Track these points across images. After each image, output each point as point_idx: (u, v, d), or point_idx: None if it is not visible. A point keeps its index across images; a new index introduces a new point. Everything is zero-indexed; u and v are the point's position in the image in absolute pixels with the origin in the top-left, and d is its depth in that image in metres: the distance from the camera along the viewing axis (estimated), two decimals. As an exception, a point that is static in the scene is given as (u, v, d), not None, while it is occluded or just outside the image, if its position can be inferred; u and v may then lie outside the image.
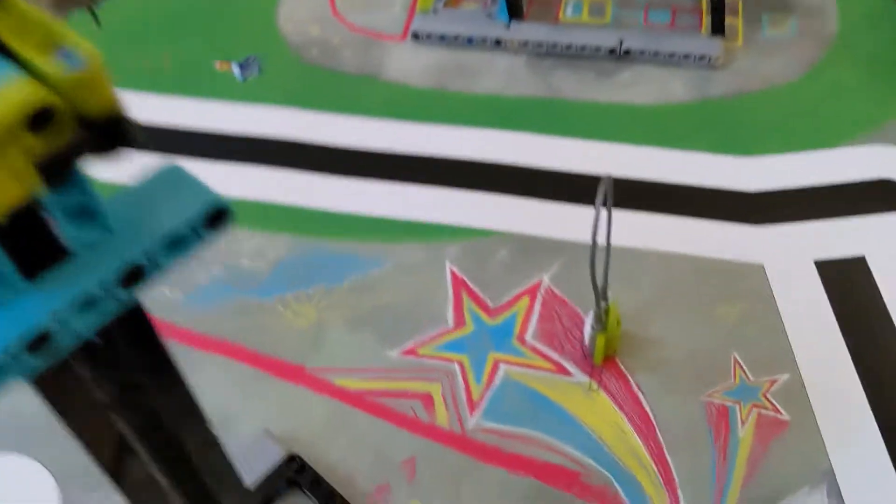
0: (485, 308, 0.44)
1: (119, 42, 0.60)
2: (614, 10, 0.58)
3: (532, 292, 0.44)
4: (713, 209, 0.47)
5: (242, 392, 0.42)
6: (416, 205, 0.48)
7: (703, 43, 0.54)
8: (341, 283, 0.45)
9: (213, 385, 0.42)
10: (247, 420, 0.41)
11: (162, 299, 0.46)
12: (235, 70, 0.56)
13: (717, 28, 0.54)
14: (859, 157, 0.49)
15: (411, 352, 0.43)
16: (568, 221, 0.47)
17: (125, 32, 0.60)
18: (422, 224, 0.47)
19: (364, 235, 0.47)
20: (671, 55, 0.54)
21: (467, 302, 0.44)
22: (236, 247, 0.47)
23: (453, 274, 0.45)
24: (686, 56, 0.54)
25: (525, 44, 0.55)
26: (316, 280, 0.45)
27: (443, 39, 0.56)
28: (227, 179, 0.51)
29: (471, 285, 0.45)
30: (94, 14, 0.62)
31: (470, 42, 0.56)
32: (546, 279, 0.45)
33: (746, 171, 0.49)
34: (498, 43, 0.56)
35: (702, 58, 0.53)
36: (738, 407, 0.41)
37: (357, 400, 0.41)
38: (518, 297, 0.44)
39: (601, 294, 0.39)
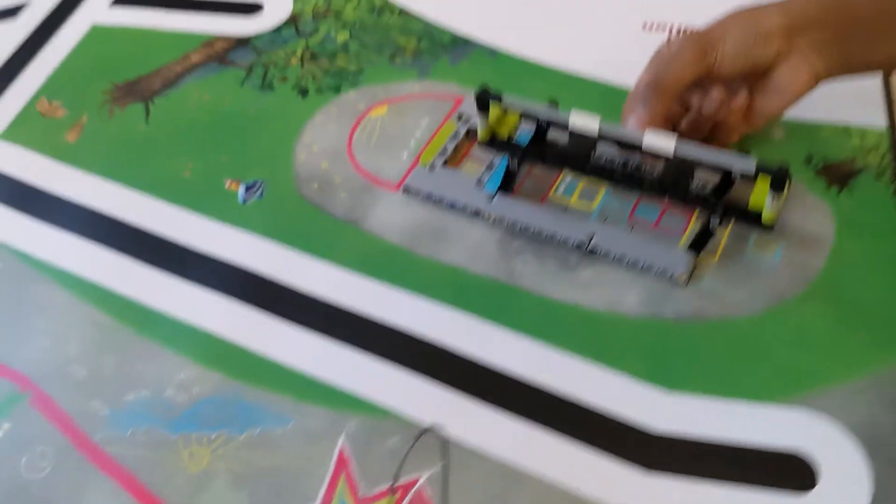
0: (354, 495, 0.45)
1: (152, 143, 0.66)
2: (605, 198, 0.58)
3: (404, 490, 0.46)
4: (611, 442, 0.46)
5: (121, 525, 0.46)
6: (339, 365, 0.50)
7: (671, 256, 0.53)
8: (241, 434, 0.48)
9: (97, 511, 0.46)
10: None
11: (90, 413, 0.50)
12: (241, 191, 0.60)
13: (698, 242, 0.53)
14: (787, 421, 0.47)
15: (272, 526, 0.45)
16: (473, 422, 0.48)
17: (162, 135, 0.66)
18: (336, 389, 0.49)
19: (282, 388, 0.50)
20: (635, 262, 0.53)
21: (341, 485, 0.46)
22: (170, 374, 0.51)
23: (341, 452, 0.47)
24: (649, 266, 0.53)
25: (501, 220, 0.56)
26: (222, 426, 0.48)
27: (429, 198, 0.59)
28: (192, 302, 0.55)
29: (352, 468, 0.47)
30: (147, 109, 0.69)
31: (453, 207, 0.58)
32: (423, 479, 0.46)
33: (663, 407, 0.48)
34: (477, 213, 0.57)
35: (664, 272, 0.52)
36: None
37: (209, 561, 0.45)
38: (387, 493, 0.45)
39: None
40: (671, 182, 0.53)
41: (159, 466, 0.48)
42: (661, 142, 0.50)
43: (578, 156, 0.56)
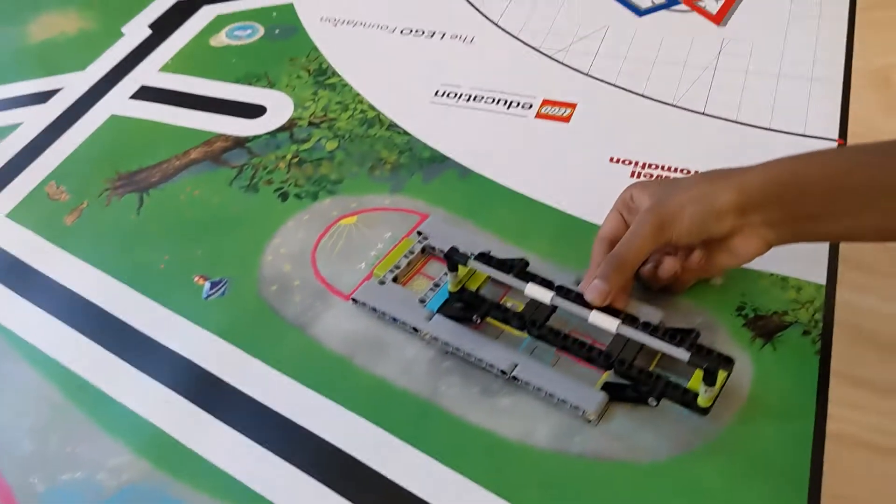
0: None
1: (139, 234, 0.71)
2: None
3: None
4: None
5: None
6: (258, 469, 0.53)
7: (585, 394, 0.55)
8: (154, 528, 0.51)
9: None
10: None
11: (28, 488, 0.54)
12: (206, 287, 0.65)
13: (616, 390, 0.55)
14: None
15: None
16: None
17: (149, 226, 0.72)
18: (250, 491, 0.52)
19: (202, 485, 0.53)
20: (551, 395, 0.56)
21: (232, 588, 0.49)
22: (105, 458, 0.55)
23: (240, 555, 0.50)
24: (564, 401, 0.55)
25: (436, 339, 0.60)
26: (139, 516, 0.52)
27: (374, 311, 0.62)
28: (139, 391, 0.59)
29: (246, 572, 0.49)
30: (141, 200, 0.75)
31: (395, 321, 0.61)
32: (309, 591, 0.48)
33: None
34: (415, 330, 0.60)
35: (576, 408, 0.55)
36: None
37: None
38: None
39: None
40: (617, 357, 0.56)
41: (75, 548, 0.52)
42: (606, 322, 0.54)
43: (535, 320, 0.59)
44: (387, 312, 0.63)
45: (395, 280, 0.65)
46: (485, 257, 0.63)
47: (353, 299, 0.64)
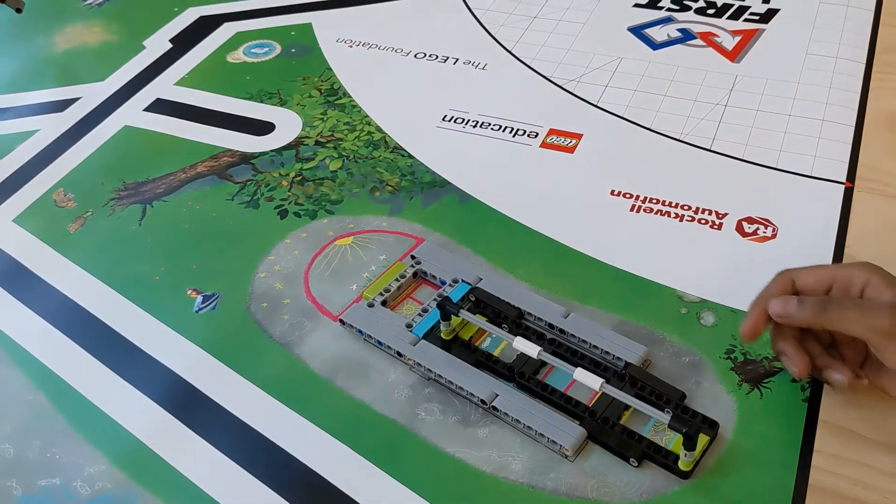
0: None
1: (138, 244, 0.72)
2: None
3: None
4: None
5: None
6: (231, 486, 0.53)
7: (564, 428, 0.54)
8: (123, 538, 0.51)
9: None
10: None
11: (6, 491, 0.55)
12: (198, 301, 0.65)
13: (596, 433, 0.55)
14: None
15: None
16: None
17: (149, 238, 0.73)
18: (219, 507, 0.52)
19: (175, 499, 0.53)
20: (529, 428, 0.55)
21: None
22: (82, 466, 0.55)
23: (203, 572, 0.50)
24: (542, 434, 0.55)
25: (420, 365, 0.59)
26: (109, 526, 0.52)
27: (361, 334, 0.62)
28: (121, 401, 0.60)
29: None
30: (144, 212, 0.76)
31: (380, 345, 0.61)
32: None
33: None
34: (399, 355, 0.60)
35: (553, 443, 0.54)
36: None
37: None
38: None
39: None
40: (601, 415, 0.55)
41: (43, 555, 0.52)
42: (590, 381, 0.53)
43: (524, 373, 0.59)
44: (372, 335, 0.63)
45: (384, 304, 0.65)
46: (480, 303, 0.63)
47: (341, 321, 0.64)
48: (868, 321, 0.45)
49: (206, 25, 1.04)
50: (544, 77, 0.90)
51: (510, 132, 0.82)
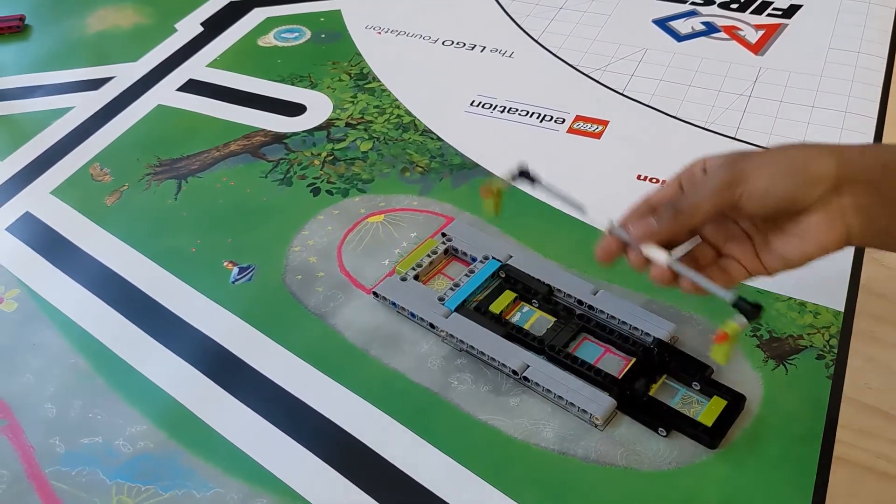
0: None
1: (174, 218, 0.74)
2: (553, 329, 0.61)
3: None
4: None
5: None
6: (269, 447, 0.55)
7: (594, 398, 0.56)
8: (166, 493, 0.53)
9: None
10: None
11: (49, 448, 0.57)
12: (234, 272, 0.67)
13: (625, 399, 0.56)
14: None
15: (165, 580, 0.50)
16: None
17: (185, 211, 0.74)
18: (259, 466, 0.54)
19: (215, 459, 0.55)
20: (560, 398, 0.57)
21: (233, 557, 0.50)
22: (123, 426, 0.57)
23: (244, 527, 0.51)
24: (572, 404, 0.56)
25: (452, 336, 0.61)
26: (153, 481, 0.53)
27: (394, 306, 0.64)
28: (161, 365, 0.61)
29: (249, 543, 0.51)
30: (179, 187, 0.77)
31: (412, 317, 0.63)
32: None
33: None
34: (432, 327, 0.62)
35: (584, 411, 0.55)
36: None
37: None
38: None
39: None
40: (630, 386, 0.56)
41: (88, 508, 0.54)
42: (657, 255, 0.47)
43: (554, 346, 0.60)
44: (406, 308, 0.64)
45: (416, 278, 0.67)
46: (510, 279, 0.64)
47: (375, 293, 0.66)
48: (710, 188, 0.42)
49: (236, 10, 1.06)
50: (570, 65, 0.91)
51: (537, 118, 0.84)
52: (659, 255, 0.47)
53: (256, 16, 1.04)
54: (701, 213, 0.43)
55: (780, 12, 0.98)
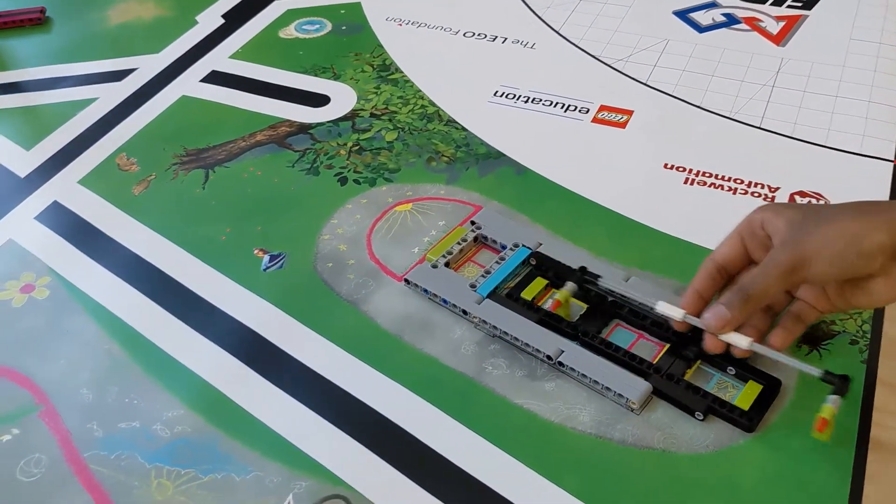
0: (286, 550, 0.50)
1: (203, 207, 0.74)
2: (585, 316, 0.62)
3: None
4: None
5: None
6: (306, 430, 0.55)
7: (630, 382, 0.56)
8: (205, 476, 0.53)
9: (65, 520, 0.52)
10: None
11: (86, 433, 0.57)
12: (265, 260, 0.67)
13: (660, 386, 0.56)
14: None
15: (209, 562, 0.50)
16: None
17: (213, 200, 0.75)
18: (297, 450, 0.54)
19: (252, 443, 0.55)
20: (595, 382, 0.57)
21: (275, 540, 0.50)
22: (160, 411, 0.57)
23: (284, 509, 0.51)
24: (608, 388, 0.56)
25: (485, 322, 0.61)
26: (191, 465, 0.54)
27: (426, 293, 0.64)
28: (195, 351, 0.62)
29: (289, 527, 0.51)
30: (207, 176, 0.78)
31: (445, 304, 0.63)
32: (350, 548, 0.50)
33: (587, 524, 0.50)
34: (465, 313, 0.62)
35: (620, 396, 0.56)
36: None
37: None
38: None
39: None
40: (666, 371, 0.57)
41: (129, 490, 0.54)
42: (737, 340, 0.52)
43: (588, 331, 0.60)
44: (438, 294, 0.64)
45: (446, 265, 0.67)
46: (541, 266, 0.65)
47: (406, 280, 0.66)
48: (775, 275, 0.46)
49: (256, 2, 1.06)
50: (593, 56, 0.92)
51: (561, 108, 0.84)
52: (740, 340, 0.52)
53: (277, 8, 1.05)
54: (769, 295, 0.49)
55: (800, 3, 0.98)
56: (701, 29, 0.95)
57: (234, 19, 1.03)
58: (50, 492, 0.54)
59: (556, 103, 0.84)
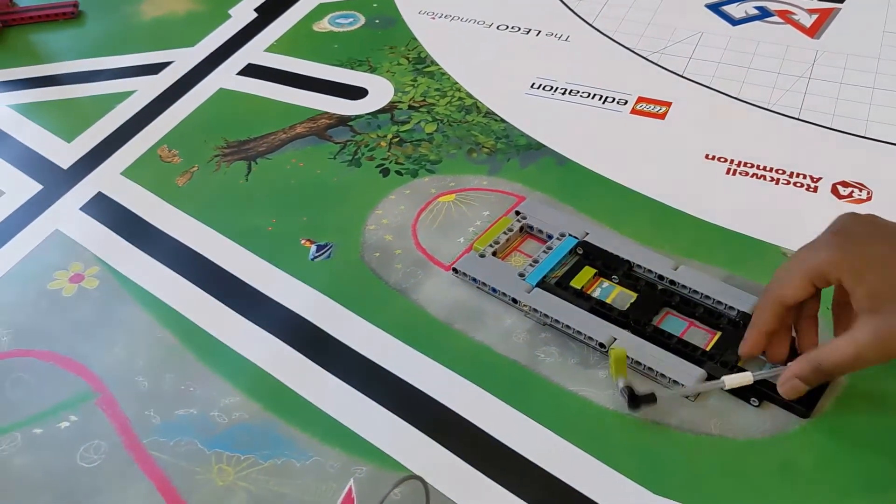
0: (350, 537, 0.50)
1: (247, 198, 0.75)
2: (635, 305, 0.62)
3: (396, 537, 0.50)
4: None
5: (147, 519, 0.52)
6: (365, 418, 0.56)
7: (685, 369, 0.56)
8: (266, 461, 0.54)
9: (131, 503, 0.53)
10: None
11: (145, 420, 0.57)
12: (312, 250, 0.68)
13: (714, 371, 0.57)
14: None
15: (273, 547, 0.51)
16: (479, 494, 0.52)
17: (257, 192, 0.75)
18: (358, 437, 0.55)
19: (311, 428, 0.55)
20: (650, 369, 0.57)
21: (342, 521, 0.51)
22: (217, 398, 0.58)
23: (349, 491, 0.52)
24: (663, 375, 0.57)
25: (535, 310, 0.62)
26: (251, 450, 0.54)
27: (474, 282, 0.64)
28: (248, 338, 0.62)
29: (354, 510, 0.52)
30: (249, 168, 0.78)
31: (494, 292, 0.63)
32: (414, 532, 0.50)
33: (648, 507, 0.51)
34: (514, 302, 0.62)
35: (675, 383, 0.56)
36: None
37: (212, 566, 0.50)
38: (380, 537, 0.50)
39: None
40: (720, 360, 0.57)
41: (191, 476, 0.54)
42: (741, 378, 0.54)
43: (639, 320, 0.61)
44: (487, 283, 0.65)
45: (493, 254, 0.68)
46: (589, 255, 0.65)
47: (455, 269, 0.66)
48: (855, 356, 0.47)
49: (287, -4, 1.07)
50: (628, 48, 0.92)
51: (599, 99, 0.84)
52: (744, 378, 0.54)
53: (309, 2, 1.05)
54: (843, 373, 0.51)
55: (832, -4, 0.98)
56: (734, 21, 0.95)
57: (266, 13, 1.03)
58: (110, 478, 0.55)
59: (594, 95, 0.85)
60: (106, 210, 0.75)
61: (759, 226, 0.68)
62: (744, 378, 0.54)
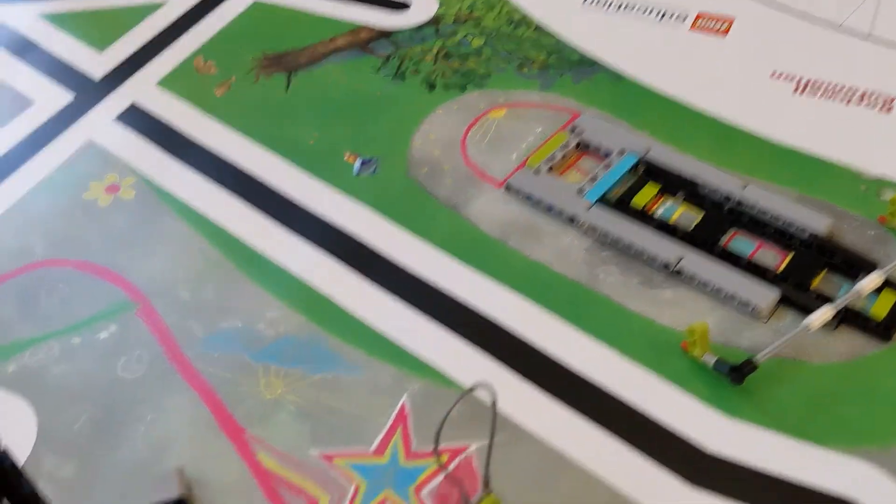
0: (407, 448, 0.48)
1: (288, 111, 0.71)
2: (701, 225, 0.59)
3: (453, 454, 0.48)
4: (662, 451, 0.47)
5: (190, 429, 0.50)
6: (416, 333, 0.53)
7: (756, 289, 0.53)
8: (315, 375, 0.51)
9: (174, 413, 0.51)
10: (177, 453, 0.49)
11: (187, 331, 0.55)
12: (357, 164, 0.65)
13: (789, 295, 0.53)
14: (843, 470, 0.46)
15: (328, 458, 0.48)
16: (532, 407, 0.50)
17: (298, 104, 0.72)
18: (409, 353, 0.52)
19: (357, 342, 0.53)
20: (718, 290, 0.54)
21: (397, 436, 0.49)
22: (262, 310, 0.55)
23: (402, 408, 0.50)
24: (731, 297, 0.54)
25: (594, 229, 0.58)
26: (299, 363, 0.52)
27: (529, 199, 0.61)
28: (292, 251, 0.60)
29: (409, 423, 0.49)
30: (289, 80, 0.75)
31: (550, 210, 0.60)
32: (472, 448, 0.48)
33: (719, 430, 0.48)
34: (572, 220, 0.59)
35: (745, 304, 0.53)
36: None
37: (263, 477, 0.48)
38: (438, 453, 0.47)
39: (483, 482, 0.43)
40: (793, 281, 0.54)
41: (237, 388, 0.52)
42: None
43: (707, 239, 0.57)
44: (543, 200, 0.61)
45: (549, 171, 0.64)
46: (651, 173, 0.62)
47: (508, 186, 0.63)
48: None
49: None
50: (686, -36, 0.87)
51: (657, 15, 0.80)
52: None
53: (346, -87, 1.00)
54: None
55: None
56: (800, -63, 0.89)
57: (302, -76, 0.98)
58: (153, 388, 0.53)
59: (651, 10, 0.80)
60: (141, 121, 0.72)
61: (829, 146, 0.64)
62: (825, 314, 0.50)
